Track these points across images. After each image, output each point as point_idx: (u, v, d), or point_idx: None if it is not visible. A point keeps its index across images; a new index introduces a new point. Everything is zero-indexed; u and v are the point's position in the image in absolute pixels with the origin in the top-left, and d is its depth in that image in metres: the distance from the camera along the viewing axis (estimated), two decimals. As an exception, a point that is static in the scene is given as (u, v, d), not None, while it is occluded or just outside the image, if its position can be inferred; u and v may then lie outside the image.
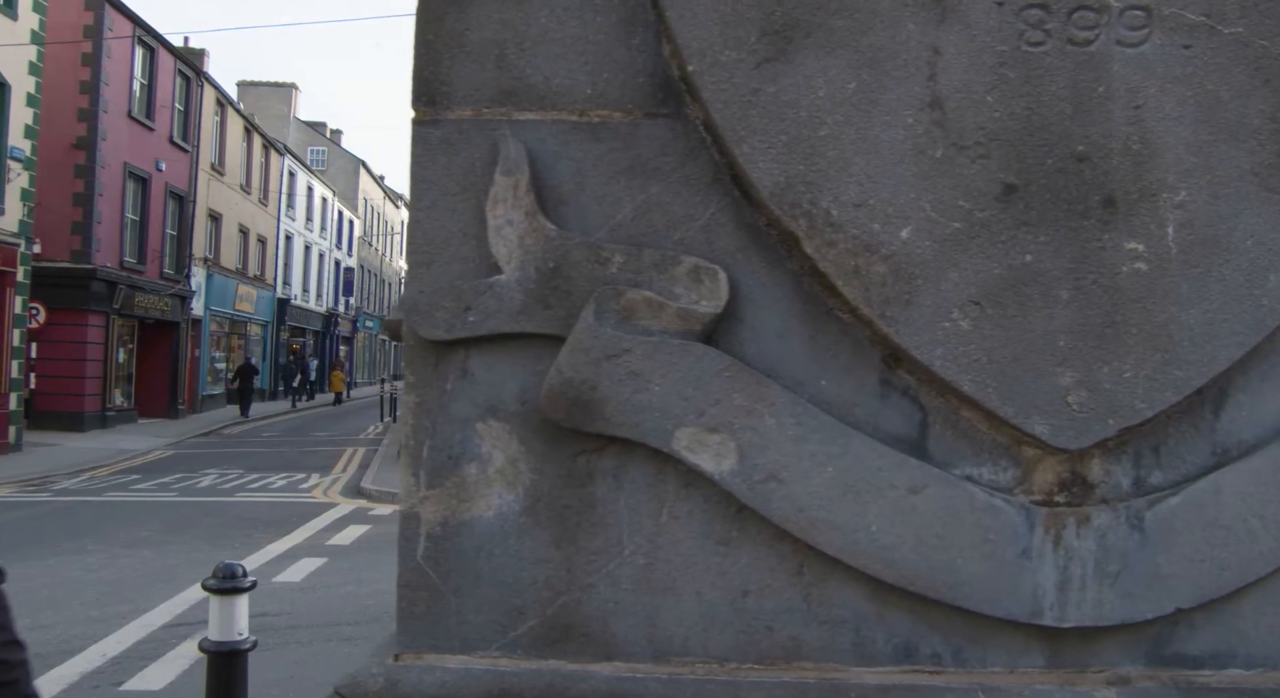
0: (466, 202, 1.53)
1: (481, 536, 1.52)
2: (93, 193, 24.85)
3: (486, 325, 1.49)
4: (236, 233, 34.79)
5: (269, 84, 47.95)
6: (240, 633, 4.53)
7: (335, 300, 47.91)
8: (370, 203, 55.11)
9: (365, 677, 1.48)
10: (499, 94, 1.54)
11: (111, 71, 25.38)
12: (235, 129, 34.26)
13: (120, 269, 26.19)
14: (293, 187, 40.38)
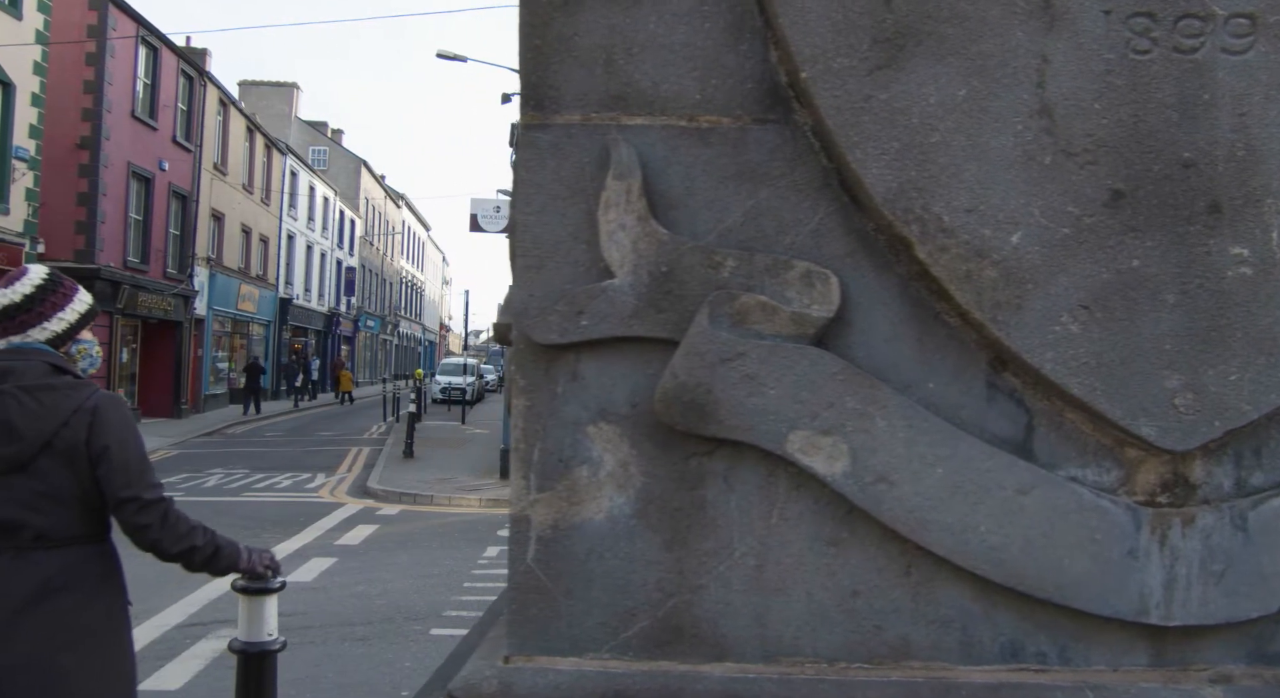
0: (575, 205, 1.55)
1: (592, 538, 1.54)
2: (97, 192, 24.84)
3: (599, 329, 1.50)
4: (239, 232, 34.78)
5: (270, 84, 47.92)
6: (269, 634, 4.54)
7: (337, 300, 47.89)
8: (371, 202, 55.09)
9: (479, 679, 1.49)
10: (608, 99, 1.56)
11: (115, 71, 25.36)
12: (238, 129, 34.25)
13: (124, 269, 26.18)
14: (295, 186, 40.37)
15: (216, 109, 32.08)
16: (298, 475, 17.81)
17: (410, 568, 10.21)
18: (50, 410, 2.78)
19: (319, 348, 44.93)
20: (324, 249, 45.38)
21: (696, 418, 1.50)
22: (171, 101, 28.68)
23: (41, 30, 20.70)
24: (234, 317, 34.80)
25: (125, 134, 26.02)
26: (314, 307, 43.98)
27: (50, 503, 2.76)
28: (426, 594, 9.02)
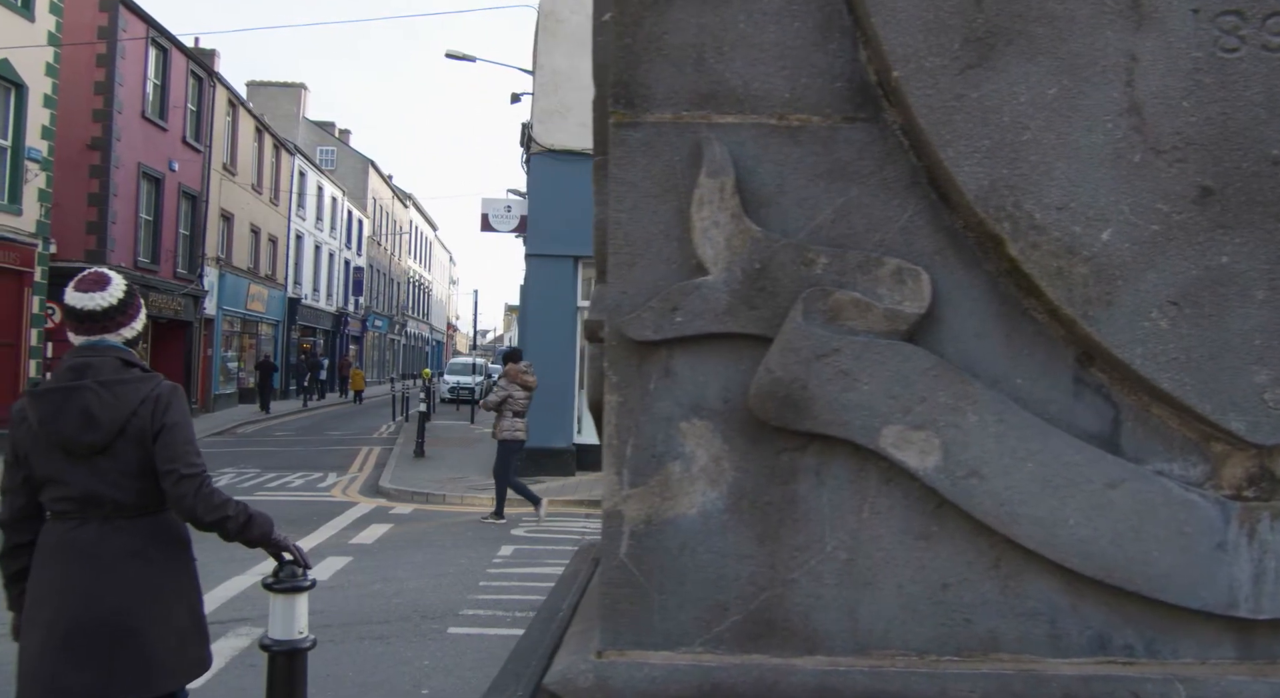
0: (667, 203, 1.57)
1: (685, 533, 1.55)
2: (108, 193, 24.90)
3: (693, 326, 1.52)
4: (248, 232, 34.85)
5: (278, 84, 47.98)
6: (300, 632, 4.57)
7: (345, 300, 47.97)
8: (379, 202, 55.17)
9: (574, 674, 1.51)
10: (698, 97, 1.58)
11: (126, 72, 25.43)
12: (247, 129, 34.31)
13: (135, 269, 26.24)
14: (303, 186, 40.45)
15: (226, 110, 32.15)
16: (309, 475, 17.85)
17: (425, 567, 10.23)
18: (123, 401, 3.22)
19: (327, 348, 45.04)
20: (332, 249, 45.46)
21: (791, 413, 1.51)
22: (181, 102, 28.74)
23: (53, 32, 20.76)
24: (243, 316, 34.87)
25: (136, 135, 26.08)
26: (322, 306, 44.07)
27: (127, 479, 3.24)
28: (442, 593, 9.04)
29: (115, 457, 3.22)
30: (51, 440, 3.22)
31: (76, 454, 3.22)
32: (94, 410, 3.20)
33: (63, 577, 3.23)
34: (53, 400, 3.22)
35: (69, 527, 3.25)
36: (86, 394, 3.20)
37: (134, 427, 3.22)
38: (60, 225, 22.37)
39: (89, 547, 3.23)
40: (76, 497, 3.24)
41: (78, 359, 3.29)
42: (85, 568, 3.23)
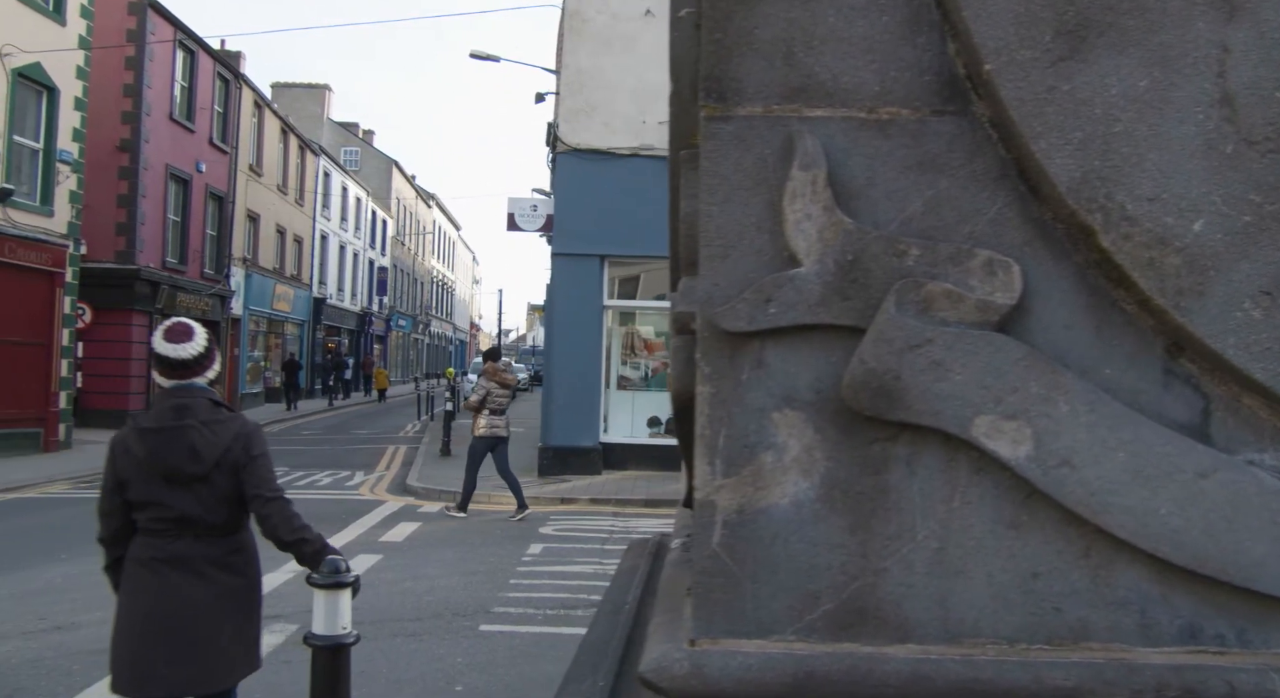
0: (758, 196, 1.59)
1: (778, 522, 1.57)
2: (136, 194, 25.18)
3: (786, 317, 1.54)
4: (274, 233, 35.10)
5: (303, 86, 48.29)
6: (344, 628, 4.62)
7: (369, 299, 48.24)
8: (403, 202, 55.44)
9: (669, 663, 1.53)
10: (788, 91, 1.60)
11: (154, 75, 25.70)
12: (272, 130, 34.56)
13: (163, 269, 26.50)
14: (328, 187, 40.70)
15: (251, 111, 32.41)
16: (337, 473, 17.99)
17: (455, 565, 10.29)
18: (220, 437, 3.85)
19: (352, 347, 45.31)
20: (356, 249, 45.72)
21: (885, 403, 1.53)
22: (208, 104, 29.01)
23: (84, 35, 20.99)
24: (269, 316, 35.15)
25: (164, 136, 26.35)
26: (347, 306, 44.34)
27: (219, 504, 3.86)
28: (473, 591, 9.10)
29: (211, 485, 3.84)
30: (156, 470, 3.78)
31: (179, 482, 3.80)
32: (198, 446, 3.80)
33: (157, 583, 3.79)
34: (162, 438, 3.80)
35: (164, 542, 3.83)
36: (191, 432, 3.79)
37: (228, 460, 3.85)
38: (90, 226, 22.62)
39: (181, 559, 3.81)
40: (174, 518, 3.82)
41: (176, 401, 3.87)
42: (177, 576, 3.80)
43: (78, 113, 20.94)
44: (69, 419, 21.15)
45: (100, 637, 7.29)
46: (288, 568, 9.68)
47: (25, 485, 15.90)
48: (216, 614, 3.84)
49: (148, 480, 3.80)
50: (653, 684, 1.51)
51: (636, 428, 18.07)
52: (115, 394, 24.90)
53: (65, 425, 20.96)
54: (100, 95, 22.75)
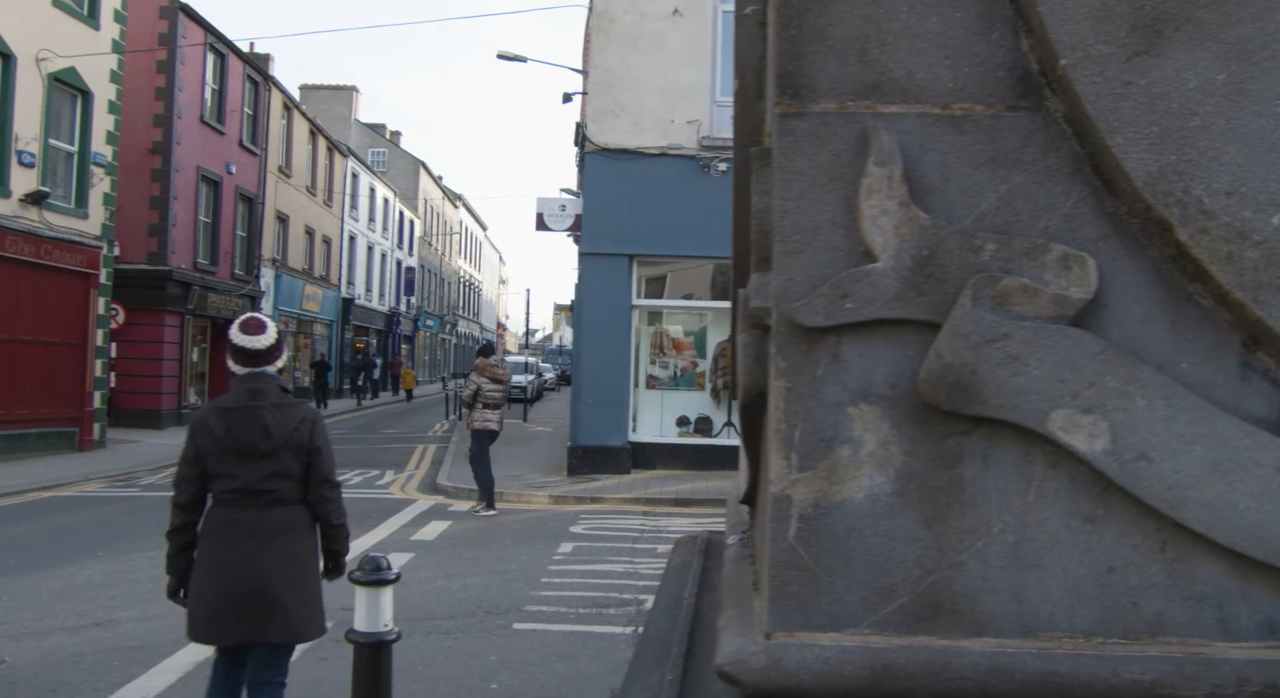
0: (833, 192, 1.60)
1: (853, 516, 1.58)
2: (168, 196, 25.41)
3: (863, 312, 1.55)
4: (303, 234, 35.33)
5: (330, 87, 48.61)
6: (385, 624, 4.66)
7: (397, 300, 48.47)
8: (430, 203, 55.68)
9: (746, 655, 1.54)
10: (862, 87, 1.61)
11: (185, 77, 25.91)
12: (301, 132, 34.78)
13: (194, 270, 26.73)
14: (355, 188, 40.93)
15: (281, 113, 32.63)
16: (367, 472, 18.07)
17: (487, 564, 10.32)
18: (289, 419, 4.41)
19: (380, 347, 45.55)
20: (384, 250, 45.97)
21: (961, 397, 1.54)
22: (238, 106, 29.23)
23: (117, 40, 21.21)
24: (299, 316, 35.38)
25: (195, 139, 26.57)
26: (375, 306, 44.59)
27: (282, 478, 4.40)
28: (505, 589, 9.12)
29: (277, 460, 4.38)
30: (230, 445, 4.32)
31: (250, 456, 4.34)
32: (269, 425, 4.35)
33: (229, 547, 4.33)
34: (239, 416, 4.35)
35: (234, 510, 4.37)
36: (264, 413, 4.35)
37: (294, 439, 4.40)
38: (123, 228, 22.85)
39: (251, 526, 4.35)
40: (243, 489, 4.35)
41: (250, 385, 4.43)
42: (248, 541, 4.33)
43: (111, 116, 21.16)
44: (103, 419, 21.38)
45: (138, 634, 7.40)
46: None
47: (62, 484, 16.09)
48: (278, 577, 4.35)
49: (223, 454, 4.34)
50: (730, 677, 1.53)
51: (665, 427, 18.08)
52: (147, 394, 25.16)
53: (99, 425, 21.19)
54: (133, 98, 22.98)
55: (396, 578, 4.72)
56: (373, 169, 44.88)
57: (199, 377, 28.50)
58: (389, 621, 4.69)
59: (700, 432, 18.05)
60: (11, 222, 18.20)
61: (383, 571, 4.64)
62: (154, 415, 25.18)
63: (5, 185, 18.17)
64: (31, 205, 18.73)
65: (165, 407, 25.70)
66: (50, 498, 14.97)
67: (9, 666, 6.62)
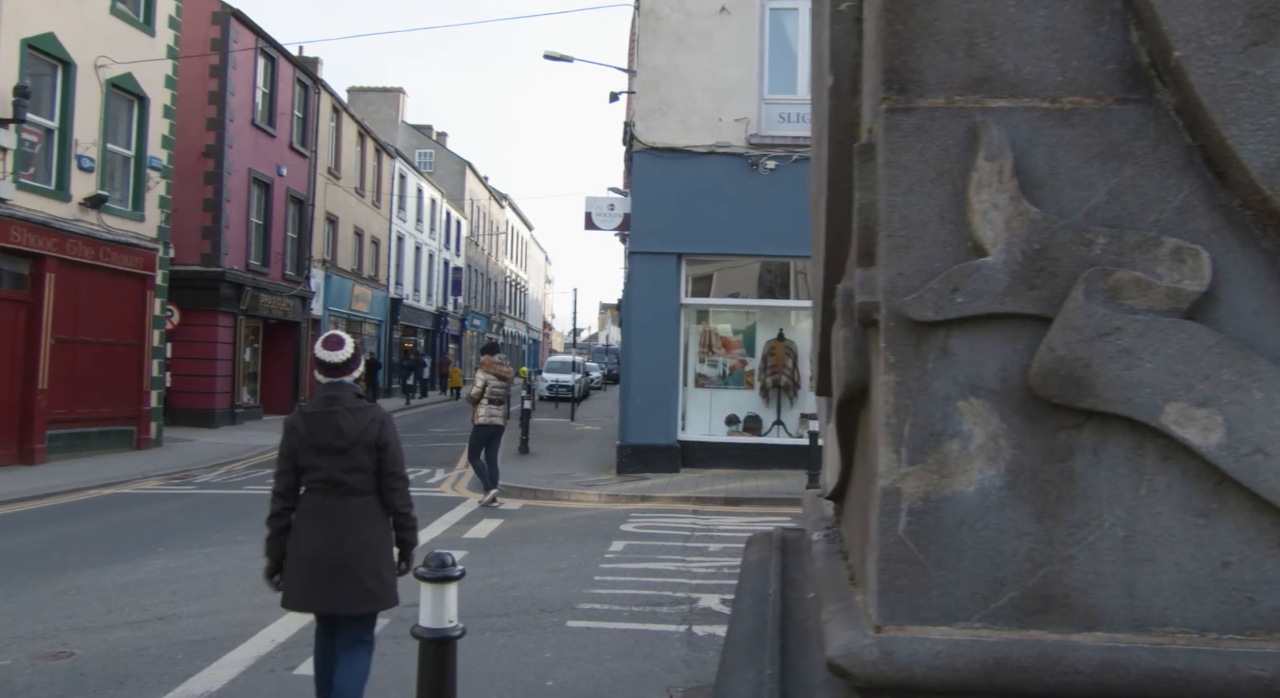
0: (941, 187, 1.60)
1: (963, 510, 1.58)
2: (221, 199, 25.78)
3: (973, 306, 1.56)
4: (352, 235, 35.65)
5: (378, 89, 49.03)
6: (450, 620, 4.69)
7: (444, 299, 48.80)
8: (476, 203, 56.00)
9: (858, 649, 1.55)
10: (970, 82, 1.61)
11: (237, 82, 26.26)
12: (349, 134, 35.10)
13: (246, 271, 27.08)
14: (403, 189, 41.25)
15: (329, 115, 32.97)
16: (418, 470, 18.20)
17: (539, 562, 10.36)
18: (360, 421, 5.07)
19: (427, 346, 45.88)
20: (431, 250, 46.31)
21: (1074, 391, 1.54)
22: (288, 109, 29.58)
23: (172, 46, 21.56)
24: (348, 316, 35.71)
25: (246, 142, 26.92)
26: (423, 306, 44.92)
27: (356, 472, 5.05)
28: (558, 587, 9.14)
29: (351, 456, 5.04)
30: (312, 443, 5.01)
31: (329, 453, 5.01)
32: (343, 427, 5.01)
33: (317, 530, 5.02)
34: (318, 419, 5.04)
35: (319, 498, 5.06)
36: (339, 416, 5.03)
37: (365, 439, 5.05)
38: (178, 230, 23.21)
39: (334, 512, 5.03)
40: (327, 479, 5.03)
41: (329, 392, 5.11)
42: (332, 524, 5.01)
43: (166, 120, 21.51)
44: (159, 418, 21.74)
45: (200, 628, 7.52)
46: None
47: (121, 481, 16.39)
48: (356, 555, 5.00)
49: (307, 451, 5.03)
50: (842, 670, 1.54)
51: (714, 426, 18.06)
52: (201, 393, 25.54)
53: (156, 424, 21.55)
54: (186, 103, 23.34)
55: (461, 575, 4.76)
56: (420, 170, 45.21)
57: (251, 377, 28.86)
58: (453, 617, 4.73)
59: (749, 430, 18.01)
60: (72, 225, 18.56)
61: (447, 567, 4.68)
62: (208, 415, 25.56)
63: (66, 190, 18.52)
64: (91, 209, 19.09)
65: (219, 406, 26.07)
66: (110, 495, 15.26)
67: (78, 658, 6.75)
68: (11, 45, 16.96)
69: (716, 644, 7.22)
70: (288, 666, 6.63)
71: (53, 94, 18.37)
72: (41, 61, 17.96)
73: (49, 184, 18.22)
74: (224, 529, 11.96)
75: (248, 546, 10.85)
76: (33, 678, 6.31)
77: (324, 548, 4.99)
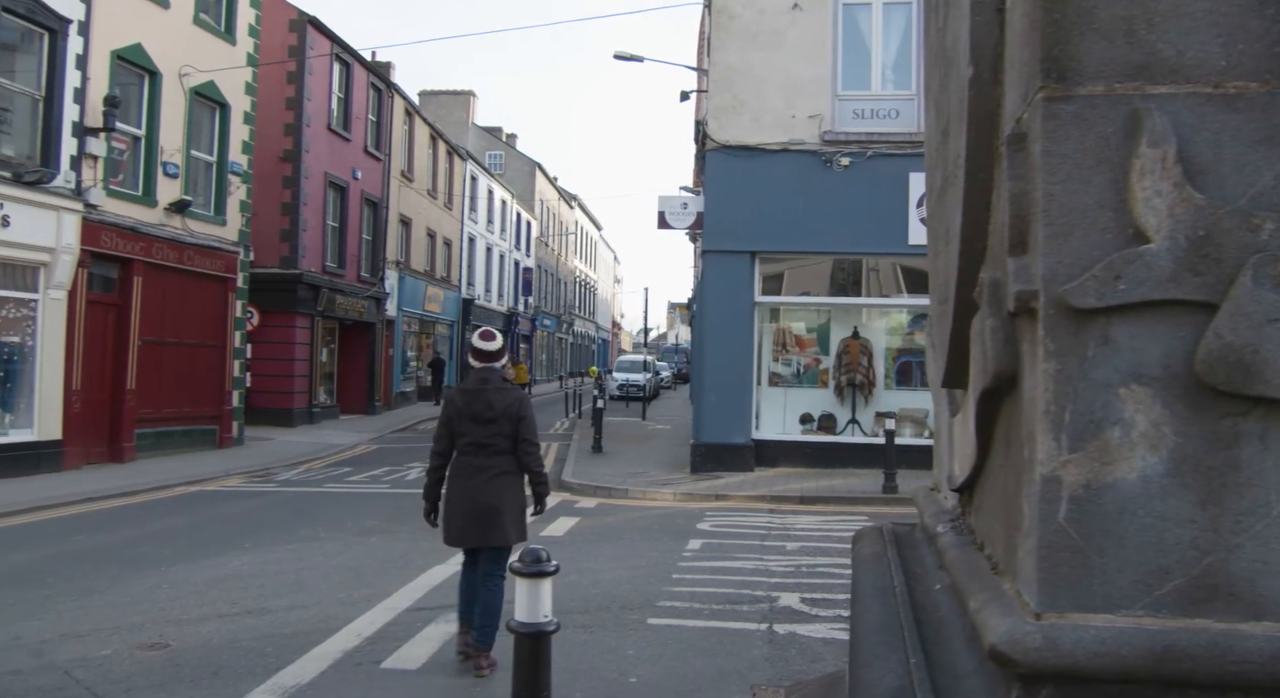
0: (1101, 174, 1.60)
1: (1125, 497, 1.58)
2: (298, 202, 26.28)
3: (1135, 293, 1.55)
4: (425, 236, 36.08)
5: (448, 92, 49.60)
6: (545, 615, 4.73)
7: (515, 300, 49.17)
8: (546, 204, 56.35)
9: (1020, 635, 1.56)
10: (1130, 69, 1.60)
11: (313, 87, 26.74)
12: (422, 137, 35.54)
13: (323, 273, 27.56)
14: (474, 190, 41.65)
15: (402, 119, 33.43)
16: (494, 469, 18.28)
17: (617, 559, 10.37)
18: (504, 399, 6.50)
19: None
20: (502, 250, 46.70)
21: (1242, 377, 1.52)
22: (362, 113, 30.05)
23: (252, 53, 22.04)
24: (421, 317, 36.16)
25: (322, 146, 27.40)
26: (494, 306, 45.32)
27: (499, 437, 6.43)
28: (637, 585, 9.15)
29: (496, 425, 6.44)
30: (467, 414, 6.47)
31: (480, 422, 6.43)
32: (492, 402, 6.47)
33: (468, 481, 6.44)
34: (472, 395, 6.51)
35: (470, 458, 6.47)
36: (489, 394, 6.50)
37: (508, 412, 6.46)
38: (257, 234, 23.70)
39: (481, 468, 6.43)
40: (475, 443, 6.45)
41: (481, 375, 6.60)
42: (479, 477, 6.41)
43: (246, 126, 22.00)
44: (241, 417, 22.24)
45: (289, 622, 7.67)
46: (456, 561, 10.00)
47: (205, 479, 16.80)
48: (501, 498, 6.41)
49: (461, 420, 6.49)
50: (1005, 657, 1.54)
51: (788, 425, 17.96)
52: (280, 393, 26.07)
53: (238, 423, 22.05)
54: (265, 109, 23.84)
55: (556, 570, 4.80)
56: (490, 171, 45.61)
57: (327, 377, 29.34)
58: (548, 611, 4.77)
59: (824, 429, 17.89)
60: (158, 229, 19.07)
61: (543, 562, 4.73)
62: (286, 414, 26.07)
63: (152, 195, 19.04)
64: (175, 214, 19.59)
65: (297, 406, 26.57)
66: (195, 492, 15.63)
67: (173, 649, 6.92)
68: (102, 57, 17.48)
69: (798, 643, 7.19)
70: (375, 660, 6.72)
71: (139, 103, 18.90)
72: (129, 71, 18.49)
73: (136, 190, 18.75)
74: (307, 526, 12.19)
75: (330, 542, 11.05)
76: (132, 668, 6.49)
77: (474, 498, 6.39)
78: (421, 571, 9.51)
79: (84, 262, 17.09)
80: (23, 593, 8.58)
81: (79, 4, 16.78)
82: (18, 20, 15.76)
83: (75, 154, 16.82)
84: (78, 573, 9.42)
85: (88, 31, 17.00)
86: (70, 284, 16.80)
